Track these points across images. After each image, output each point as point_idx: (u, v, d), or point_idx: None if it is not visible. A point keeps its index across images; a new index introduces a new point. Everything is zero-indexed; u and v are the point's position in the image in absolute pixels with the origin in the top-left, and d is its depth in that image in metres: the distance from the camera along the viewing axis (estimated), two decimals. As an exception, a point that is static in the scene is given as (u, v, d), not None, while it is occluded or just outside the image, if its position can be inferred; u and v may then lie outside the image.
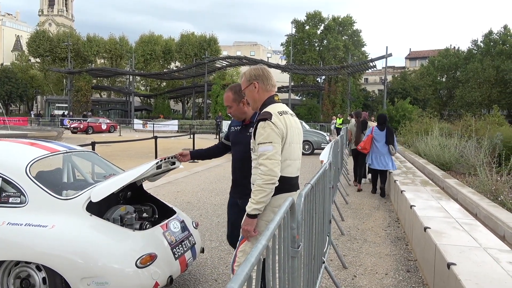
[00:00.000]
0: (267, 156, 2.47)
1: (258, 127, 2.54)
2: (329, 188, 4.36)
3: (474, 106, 43.78)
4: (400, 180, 7.57)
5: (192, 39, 58.42)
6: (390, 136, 8.45)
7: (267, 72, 2.78)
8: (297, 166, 2.72)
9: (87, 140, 12.48)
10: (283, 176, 2.56)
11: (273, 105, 2.67)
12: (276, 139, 2.51)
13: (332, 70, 41.04)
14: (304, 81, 53.23)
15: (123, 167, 4.88)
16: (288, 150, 2.61)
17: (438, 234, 4.06)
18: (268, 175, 2.45)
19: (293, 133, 2.65)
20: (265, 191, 2.47)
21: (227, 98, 3.20)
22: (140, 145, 17.62)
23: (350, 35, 53.84)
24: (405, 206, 5.94)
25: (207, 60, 44.15)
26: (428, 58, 57.10)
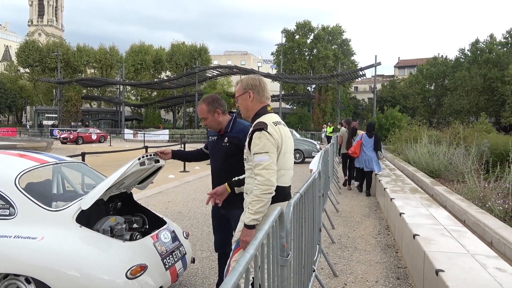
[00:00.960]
0: (264, 166, 2.49)
1: (254, 137, 2.55)
2: (319, 196, 4.39)
3: (462, 114, 44.32)
4: (390, 188, 7.62)
5: (183, 49, 58.56)
6: (378, 143, 9.66)
7: (264, 83, 2.81)
8: (290, 175, 2.75)
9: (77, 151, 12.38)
10: (277, 185, 2.57)
11: (267, 115, 2.70)
12: (272, 149, 2.52)
13: (322, 79, 41.34)
14: (295, 90, 53.54)
15: (113, 177, 4.87)
16: (282, 160, 2.63)
17: (427, 241, 4.10)
18: (265, 185, 2.46)
19: (287, 143, 2.67)
20: (262, 201, 2.48)
21: (201, 110, 3.24)
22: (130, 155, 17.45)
23: (339, 44, 54.39)
24: (394, 214, 5.99)
25: (197, 69, 44.26)
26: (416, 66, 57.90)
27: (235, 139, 3.16)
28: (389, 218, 6.82)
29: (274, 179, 2.49)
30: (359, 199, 9.20)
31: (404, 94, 50.68)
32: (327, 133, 26.52)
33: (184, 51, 58.16)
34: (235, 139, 3.16)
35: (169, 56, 58.67)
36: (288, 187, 2.73)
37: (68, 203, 3.36)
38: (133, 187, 4.10)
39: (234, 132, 3.21)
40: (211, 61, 60.79)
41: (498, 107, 43.90)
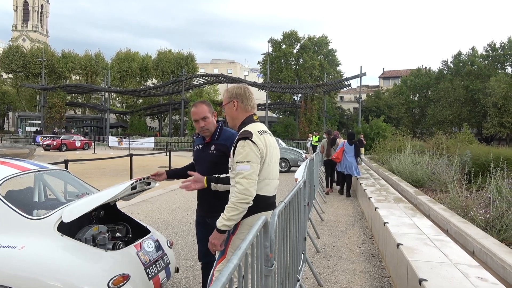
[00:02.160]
0: (244, 175, 2.49)
1: (238, 145, 2.56)
2: (304, 205, 4.40)
3: (445, 124, 45.04)
4: (375, 197, 7.68)
5: (169, 57, 58.51)
6: (357, 150, 11.09)
7: (249, 92, 2.82)
8: (275, 185, 2.75)
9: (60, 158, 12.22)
10: (261, 195, 2.58)
11: (252, 124, 2.71)
12: (255, 159, 2.52)
13: (308, 88, 41.61)
14: (281, 98, 53.77)
15: (97, 185, 4.82)
16: (267, 169, 2.63)
17: (411, 250, 4.13)
18: (243, 194, 2.46)
19: (272, 153, 2.68)
20: (237, 210, 2.48)
21: (202, 110, 3.21)
22: (115, 163, 17.35)
23: (325, 55, 54.96)
24: (379, 223, 6.03)
25: (184, 77, 44.15)
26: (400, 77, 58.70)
27: (222, 146, 3.16)
28: (373, 227, 6.85)
29: (253, 189, 2.49)
30: (344, 208, 9.24)
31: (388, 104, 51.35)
32: (313, 142, 26.66)
33: (171, 59, 58.11)
34: (222, 146, 3.16)
35: (156, 64, 58.55)
36: (272, 196, 2.73)
37: (50, 212, 3.30)
38: (118, 200, 4.06)
39: (221, 140, 3.21)
40: (197, 69, 60.76)
41: (480, 118, 44.75)
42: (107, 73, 51.65)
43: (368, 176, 11.88)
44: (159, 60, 58.48)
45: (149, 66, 59.16)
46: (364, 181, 10.48)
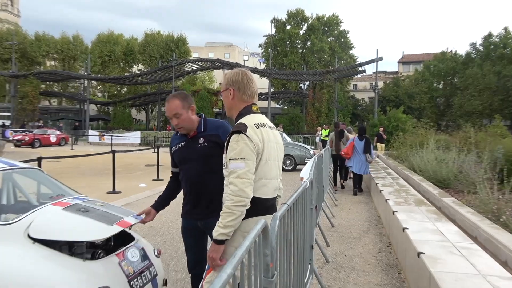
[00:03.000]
0: (238, 174, 2.50)
1: (231, 140, 2.56)
2: (311, 209, 4.39)
3: (474, 116, 44.92)
4: (393, 200, 7.67)
5: (158, 39, 58.42)
6: (367, 146, 11.60)
7: (248, 79, 2.82)
8: (274, 186, 2.75)
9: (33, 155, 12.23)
10: (256, 197, 2.58)
11: (249, 116, 2.72)
12: (250, 155, 2.53)
13: (316, 75, 41.56)
14: (286, 87, 53.71)
15: (74, 186, 4.81)
16: (263, 168, 2.63)
17: (433, 260, 4.12)
18: (238, 195, 2.47)
19: (270, 149, 2.68)
20: (234, 214, 2.47)
21: (174, 106, 3.19)
22: (95, 161, 17.38)
23: (336, 36, 54.82)
24: (397, 229, 6.02)
25: (174, 63, 44.11)
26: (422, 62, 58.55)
27: (213, 136, 3.17)
28: (391, 234, 6.86)
29: (249, 190, 2.50)
30: (358, 212, 9.24)
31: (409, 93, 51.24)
32: (322, 136, 26.65)
33: (160, 42, 58.02)
34: (213, 136, 3.17)
35: (142, 47, 58.49)
36: (271, 199, 2.73)
37: (20, 216, 3.30)
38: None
39: (210, 130, 3.21)
40: (190, 54, 60.67)
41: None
42: (86, 58, 51.58)
43: (385, 175, 11.89)
44: (146, 43, 58.42)
45: (134, 50, 59.08)
46: (380, 181, 10.48)
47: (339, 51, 52.51)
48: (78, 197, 4.07)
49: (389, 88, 53.08)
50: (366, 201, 10.74)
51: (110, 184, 11.20)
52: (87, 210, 3.64)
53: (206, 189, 3.13)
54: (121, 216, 3.67)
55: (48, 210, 3.55)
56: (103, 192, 10.84)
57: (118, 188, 11.14)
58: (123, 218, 3.63)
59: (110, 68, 57.88)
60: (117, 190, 10.96)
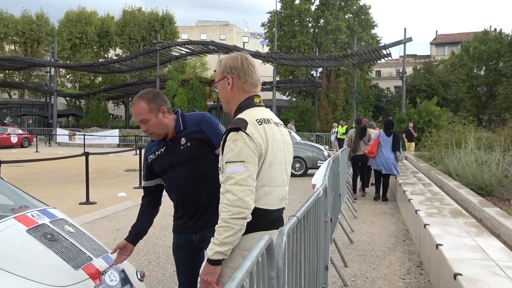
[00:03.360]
0: (236, 181, 2.46)
1: (228, 139, 2.54)
2: (325, 222, 4.41)
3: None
4: (424, 210, 7.69)
5: (139, 18, 58.46)
6: (396, 142, 11.84)
7: (249, 64, 2.80)
8: (281, 195, 2.72)
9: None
10: (258, 208, 2.55)
11: (251, 109, 2.69)
12: (250, 158, 2.51)
13: (331, 60, 41.55)
14: (294, 75, 53.71)
15: (41, 196, 4.84)
16: (267, 173, 2.61)
17: (473, 282, 4.14)
18: (237, 206, 2.44)
19: (276, 150, 2.66)
20: (232, 229, 2.45)
21: (140, 110, 3.15)
22: (65, 165, 17.43)
23: (355, 13, 54.81)
24: (429, 246, 6.04)
25: (159, 46, 44.15)
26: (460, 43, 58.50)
27: (196, 133, 3.16)
28: (422, 252, 6.87)
29: (250, 199, 2.47)
30: (381, 225, 9.26)
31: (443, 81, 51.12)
32: (339, 134, 26.64)
33: (141, 21, 58.07)
34: (196, 133, 3.16)
35: (120, 28, 58.51)
36: (276, 210, 2.71)
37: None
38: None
39: (191, 126, 3.21)
40: (178, 35, 60.74)
41: None
42: (53, 41, 51.66)
43: (415, 181, 11.89)
44: (124, 22, 58.43)
45: (111, 31, 59.09)
46: (409, 188, 10.49)
47: (359, 30, 52.48)
48: (45, 209, 4.08)
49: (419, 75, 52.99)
50: (391, 212, 10.75)
51: (83, 193, 11.24)
52: (53, 238, 3.64)
53: (199, 197, 3.14)
54: (90, 257, 3.65)
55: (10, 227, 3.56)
56: (75, 203, 10.89)
57: (93, 198, 11.18)
58: (91, 261, 3.62)
59: (81, 53, 57.91)
60: (91, 201, 11.00)
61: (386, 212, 10.81)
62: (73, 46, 57.46)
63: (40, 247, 3.46)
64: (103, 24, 59.86)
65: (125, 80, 55.67)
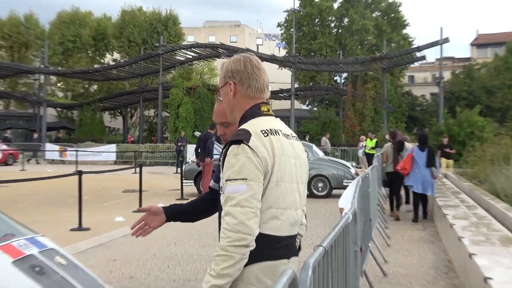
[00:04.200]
0: (238, 202, 2.41)
1: (228, 153, 2.51)
2: (355, 252, 4.35)
3: None
4: (469, 237, 7.58)
5: (139, 18, 58.98)
6: (432, 158, 12.26)
7: (253, 66, 2.75)
8: (292, 219, 2.65)
9: (-30, 179, 12.35)
10: (263, 233, 2.49)
11: (256, 119, 2.66)
12: (254, 174, 2.45)
13: (357, 64, 41.62)
14: (315, 81, 53.85)
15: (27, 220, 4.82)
16: (274, 193, 2.55)
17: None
18: (238, 231, 2.37)
19: (285, 166, 2.60)
20: (231, 258, 2.38)
21: (222, 109, 3.11)
22: (55, 185, 17.46)
23: (384, 11, 55.01)
24: (476, 279, 5.93)
25: (162, 50, 44.48)
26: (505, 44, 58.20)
27: None
28: (468, 286, 6.77)
29: (253, 224, 2.41)
30: (419, 255, 9.15)
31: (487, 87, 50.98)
32: (367, 149, 26.57)
33: (142, 22, 58.57)
34: None
35: (118, 30, 59.06)
36: (286, 237, 2.63)
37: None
38: None
39: None
40: (183, 37, 61.25)
41: None
42: (43, 46, 52.24)
43: (457, 203, 11.78)
44: (123, 23, 58.97)
45: (108, 33, 59.70)
46: (451, 211, 10.38)
47: (388, 30, 52.59)
48: (34, 238, 4.08)
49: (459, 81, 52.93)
50: (430, 239, 10.63)
51: (75, 218, 11.21)
52: (42, 272, 3.62)
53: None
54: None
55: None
56: (66, 229, 10.86)
57: (87, 223, 11.16)
58: None
59: (74, 58, 58.58)
60: (84, 227, 10.97)
61: (424, 239, 10.69)
62: (66, 51, 58.07)
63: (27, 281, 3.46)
64: (99, 25, 60.49)
65: (123, 89, 56.07)
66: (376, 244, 8.78)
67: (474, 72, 54.22)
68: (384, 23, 53.21)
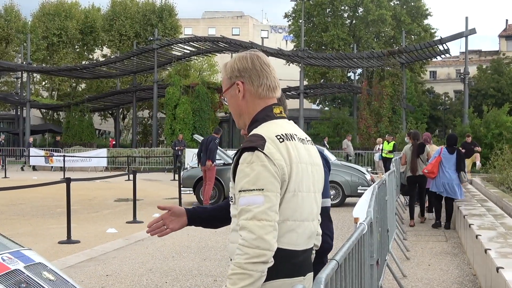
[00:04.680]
0: (254, 215, 2.39)
1: (241, 161, 2.48)
2: (371, 265, 4.38)
3: None
4: (496, 250, 7.60)
5: (131, 10, 59.03)
6: (462, 161, 12.62)
7: (261, 63, 2.70)
8: (309, 231, 2.65)
9: None
10: (280, 248, 2.47)
11: (269, 123, 2.63)
12: (271, 185, 2.43)
13: (373, 58, 41.54)
14: (326, 78, 53.74)
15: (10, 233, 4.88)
16: (291, 204, 2.53)
17: None
18: (256, 247, 2.36)
19: (302, 174, 2.57)
20: (250, 276, 2.36)
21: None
22: (41, 194, 17.54)
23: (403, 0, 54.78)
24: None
25: (157, 44, 44.48)
26: (537, 36, 58.06)
27: None
28: (494, 303, 6.78)
29: (272, 238, 2.39)
30: (441, 269, 9.16)
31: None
32: (384, 152, 26.50)
33: (134, 13, 58.63)
34: None
35: (108, 22, 59.10)
36: (303, 251, 2.63)
37: None
38: None
39: None
40: (180, 30, 61.24)
41: None
42: (25, 40, 52.32)
43: (483, 212, 11.77)
44: (113, 15, 59.04)
45: (96, 26, 59.73)
46: (476, 220, 10.38)
47: (408, 21, 52.47)
48: (19, 251, 4.12)
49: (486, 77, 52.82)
50: (453, 252, 10.63)
51: (63, 230, 11.26)
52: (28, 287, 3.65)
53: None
54: None
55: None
56: (54, 242, 10.92)
57: (76, 236, 11.20)
58: None
59: (60, 54, 58.58)
60: (73, 239, 11.01)
61: (446, 251, 10.69)
62: (50, 46, 58.22)
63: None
64: (87, 17, 60.57)
65: (114, 87, 56.00)
66: (394, 257, 8.80)
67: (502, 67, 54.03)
68: (403, 12, 53.10)
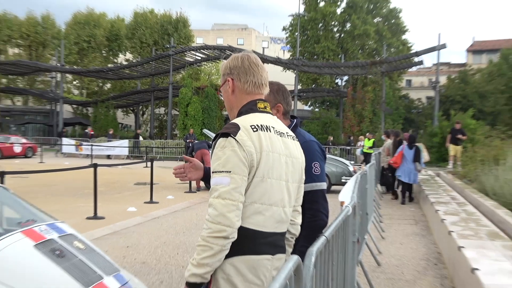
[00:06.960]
0: (220, 194, 2.35)
1: (216, 145, 2.46)
2: (353, 242, 4.42)
3: None
4: (458, 232, 7.64)
5: (151, 20, 58.82)
6: (417, 155, 14.59)
7: (250, 62, 2.68)
8: (277, 216, 2.53)
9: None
10: (246, 227, 2.43)
11: (250, 115, 2.59)
12: (238, 168, 2.38)
13: (358, 67, 41.47)
14: (317, 83, 53.67)
15: (46, 209, 4.91)
16: (258, 188, 2.46)
17: (512, 311, 4.12)
18: (218, 223, 2.32)
19: (273, 163, 2.50)
20: (211, 249, 2.33)
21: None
22: (71, 177, 17.57)
23: (385, 17, 54.79)
24: (464, 270, 6.00)
25: (172, 51, 44.40)
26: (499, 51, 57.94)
27: None
28: (456, 277, 6.82)
29: (234, 216, 2.33)
30: (411, 247, 9.21)
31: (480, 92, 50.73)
32: (365, 148, 26.54)
33: (153, 24, 58.43)
34: None
35: (131, 31, 58.91)
36: (270, 233, 2.53)
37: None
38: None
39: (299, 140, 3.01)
40: (193, 39, 61.08)
41: None
42: (59, 45, 52.20)
43: (448, 200, 11.82)
44: (135, 25, 58.84)
45: (121, 34, 59.59)
46: (442, 207, 10.43)
47: (388, 36, 52.41)
48: (54, 224, 4.15)
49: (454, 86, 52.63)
50: (422, 233, 10.68)
51: (90, 208, 11.34)
52: (62, 255, 3.68)
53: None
54: (101, 276, 3.68)
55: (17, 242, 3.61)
56: (82, 218, 10.98)
57: (101, 213, 11.27)
58: (102, 280, 3.64)
59: (89, 57, 58.46)
60: (99, 216, 11.09)
61: (416, 233, 10.75)
62: (81, 50, 58.07)
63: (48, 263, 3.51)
64: (113, 27, 60.43)
65: (135, 87, 55.95)
66: (371, 237, 8.87)
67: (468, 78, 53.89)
68: (385, 28, 53.03)
